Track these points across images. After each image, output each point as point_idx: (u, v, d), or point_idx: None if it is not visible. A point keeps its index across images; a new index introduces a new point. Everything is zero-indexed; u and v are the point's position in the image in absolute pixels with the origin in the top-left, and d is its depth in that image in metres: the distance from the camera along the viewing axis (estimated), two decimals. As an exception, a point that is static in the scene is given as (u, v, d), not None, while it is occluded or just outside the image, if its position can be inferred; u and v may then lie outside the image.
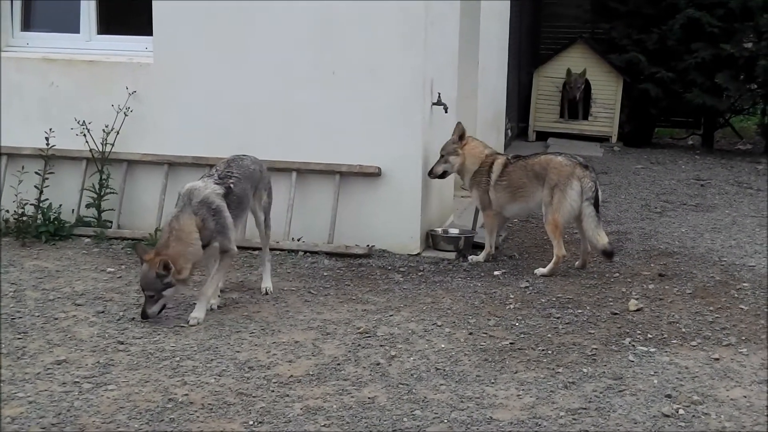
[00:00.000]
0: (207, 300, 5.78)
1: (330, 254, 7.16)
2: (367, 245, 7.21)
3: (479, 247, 7.34)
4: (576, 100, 14.19)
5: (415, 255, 7.24)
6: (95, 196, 7.53)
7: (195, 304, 5.74)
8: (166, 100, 7.55)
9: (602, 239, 6.76)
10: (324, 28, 7.20)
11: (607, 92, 14.23)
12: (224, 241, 5.75)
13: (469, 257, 7.23)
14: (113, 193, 7.59)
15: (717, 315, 5.98)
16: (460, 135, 7.30)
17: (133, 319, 5.64)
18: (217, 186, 5.77)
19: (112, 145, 7.50)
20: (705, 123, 14.83)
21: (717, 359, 5.19)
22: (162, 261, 5.44)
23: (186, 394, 4.57)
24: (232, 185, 5.84)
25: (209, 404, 4.47)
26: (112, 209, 7.59)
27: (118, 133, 7.49)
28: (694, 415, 4.45)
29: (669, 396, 4.67)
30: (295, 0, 7.19)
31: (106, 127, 7.47)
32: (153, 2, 7.46)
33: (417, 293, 6.33)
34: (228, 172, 5.93)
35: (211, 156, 7.15)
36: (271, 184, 6.41)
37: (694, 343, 5.46)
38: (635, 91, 13.98)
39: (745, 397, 4.69)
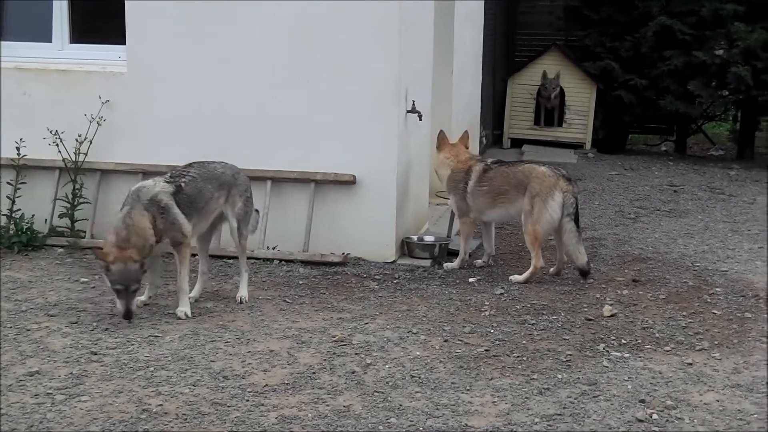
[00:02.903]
0: (186, 293, 5.95)
1: (305, 262, 7.15)
2: (343, 253, 7.21)
3: (454, 254, 7.35)
4: (551, 102, 14.23)
5: (391, 263, 7.24)
6: (68, 205, 7.48)
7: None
8: (140, 108, 7.51)
9: (582, 258, 6.78)
10: (299, 37, 7.19)
11: (581, 99, 14.31)
12: (175, 234, 5.86)
13: (445, 264, 7.25)
14: (87, 202, 7.54)
15: (690, 320, 6.03)
16: (438, 144, 7.35)
17: (107, 329, 5.60)
18: (166, 185, 5.90)
19: (86, 154, 7.46)
20: (678, 129, 14.96)
21: (690, 364, 5.23)
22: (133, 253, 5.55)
23: (160, 405, 4.55)
24: (183, 184, 5.94)
25: (184, 414, 4.45)
26: (85, 219, 7.54)
27: (91, 142, 7.45)
28: (667, 420, 4.48)
29: (643, 401, 4.69)
30: (270, 9, 7.18)
31: (79, 136, 7.43)
32: (126, 11, 7.42)
33: (392, 301, 6.33)
34: (184, 171, 6.07)
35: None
36: (250, 194, 6.40)
37: (667, 348, 5.50)
38: (609, 97, 14.08)
39: (718, 401, 4.72)
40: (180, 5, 7.34)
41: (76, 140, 7.43)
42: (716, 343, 5.60)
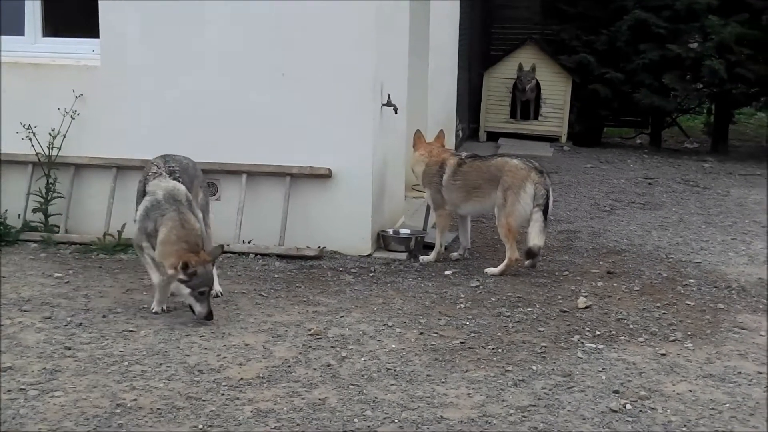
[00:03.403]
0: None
1: (281, 256, 7.14)
2: (319, 247, 7.20)
3: (430, 247, 7.36)
4: (527, 95, 14.25)
5: (367, 256, 7.24)
6: (42, 200, 7.43)
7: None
8: (114, 102, 7.47)
9: (533, 240, 6.76)
10: (274, 30, 7.17)
11: (557, 93, 14.36)
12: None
13: (420, 257, 7.26)
14: (60, 197, 7.49)
15: (664, 311, 6.07)
16: (414, 143, 7.45)
17: (81, 324, 5.57)
18: (177, 182, 5.90)
19: (59, 148, 7.41)
20: (653, 122, 15.03)
21: (663, 354, 5.27)
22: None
23: (134, 399, 4.53)
24: (179, 180, 5.94)
25: (158, 409, 4.43)
26: (59, 214, 7.49)
27: (64, 136, 7.40)
28: (641, 410, 4.51)
29: (617, 391, 4.72)
30: (248, 4, 7.15)
31: (53, 130, 7.38)
32: (99, 4, 7.37)
33: (368, 294, 6.34)
34: (170, 167, 6.02)
35: (159, 159, 7.10)
36: (206, 183, 6.48)
37: (641, 339, 5.54)
38: (585, 91, 14.12)
39: (691, 391, 4.76)
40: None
41: (50, 134, 7.38)
42: (689, 333, 5.64)
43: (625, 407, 4.53)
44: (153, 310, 5.82)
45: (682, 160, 12.99)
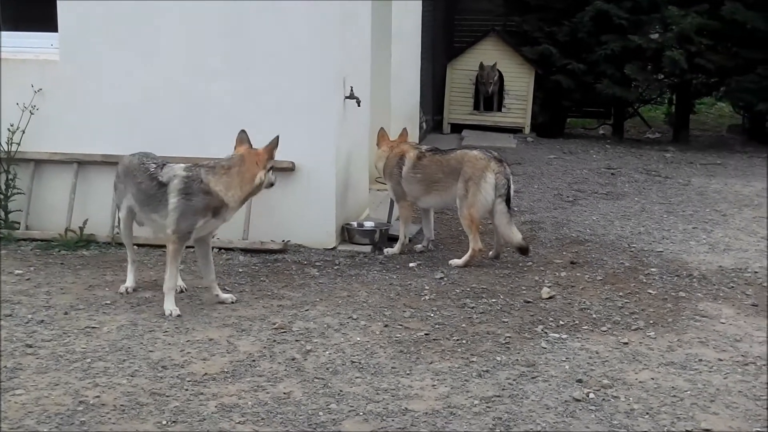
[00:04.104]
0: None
1: (245, 250, 7.12)
2: (283, 240, 7.18)
3: (395, 239, 7.37)
4: (490, 91, 14.33)
5: (331, 249, 7.24)
6: (1, 197, 7.34)
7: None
8: (74, 97, 7.39)
9: (516, 236, 6.85)
10: (235, 23, 7.13)
11: (520, 84, 14.41)
12: None
13: (385, 250, 7.26)
14: (20, 193, 7.39)
15: (626, 300, 6.12)
16: (377, 141, 7.51)
17: (42, 321, 5.52)
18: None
19: (18, 144, 7.32)
20: (615, 113, 15.14)
21: (626, 343, 5.32)
22: None
23: (97, 396, 4.49)
24: None
25: (121, 405, 4.40)
26: (19, 210, 7.41)
27: (24, 132, 7.31)
28: (603, 399, 4.55)
29: (580, 381, 4.76)
30: (204, -5, 7.13)
31: (12, 126, 7.29)
32: (57, -3, 7.31)
33: (333, 287, 6.33)
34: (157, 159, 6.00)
35: (121, 154, 7.00)
36: None
37: (604, 328, 5.58)
38: (548, 82, 14.20)
39: (653, 379, 4.81)
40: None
41: (8, 130, 7.29)
42: (651, 322, 5.70)
43: (588, 396, 4.57)
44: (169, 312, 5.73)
45: (644, 150, 13.11)
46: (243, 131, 5.94)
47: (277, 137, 5.90)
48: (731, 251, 7.42)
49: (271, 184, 5.98)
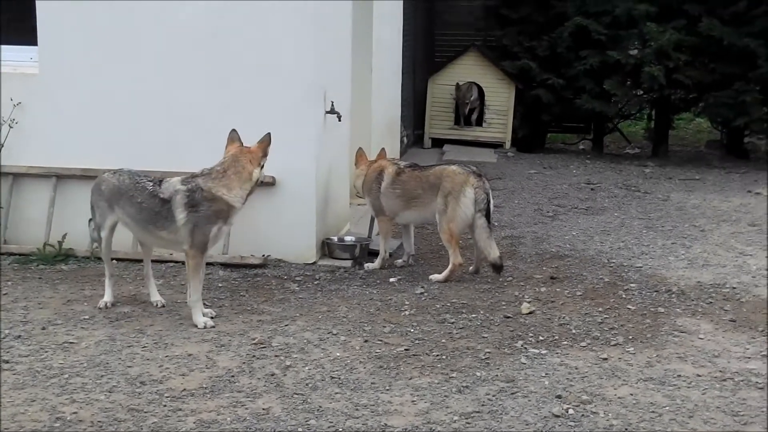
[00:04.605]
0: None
1: (225, 265, 7.09)
2: (263, 255, 7.17)
3: (375, 254, 7.37)
4: (470, 113, 14.36)
5: (311, 264, 7.22)
6: (-21, 210, 7.30)
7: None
8: (53, 110, 7.36)
9: (494, 252, 6.86)
10: (214, 36, 7.12)
11: (500, 99, 14.48)
12: None
13: (365, 265, 7.26)
14: (-2, 207, 7.36)
15: (606, 315, 6.14)
16: (356, 161, 7.57)
17: (20, 336, 5.48)
18: None
19: (-3, 158, 7.29)
20: (595, 128, 15.25)
21: (605, 359, 5.33)
22: None
23: (75, 413, 4.46)
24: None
25: (99, 422, 4.37)
26: (-3, 224, 7.37)
27: (2, 145, 7.27)
28: (583, 415, 4.56)
29: (559, 396, 4.76)
30: (182, 8, 7.10)
31: (-10, 139, 7.26)
32: (36, 10, 7.26)
33: (313, 302, 6.32)
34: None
35: (100, 168, 6.97)
36: None
37: (583, 343, 5.59)
38: (528, 97, 14.28)
39: (632, 395, 4.82)
40: (91, 5, 7.19)
41: (-13, 143, 7.26)
42: (630, 337, 5.71)
43: (567, 412, 4.57)
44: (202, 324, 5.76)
45: (624, 165, 13.17)
46: (234, 130, 6.00)
47: (269, 134, 5.94)
48: (710, 266, 7.46)
49: (261, 182, 6.08)
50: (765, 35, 12.94)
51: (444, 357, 5.31)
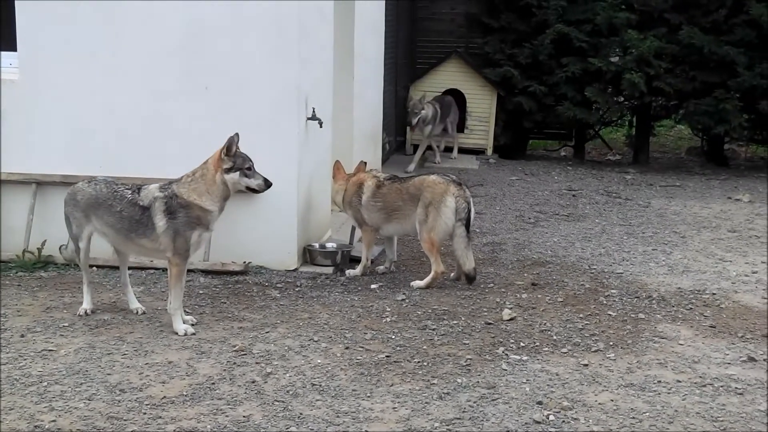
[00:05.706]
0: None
1: (206, 272, 7.07)
2: (244, 262, 7.15)
3: (356, 261, 7.37)
4: (413, 126, 13.24)
5: (293, 270, 7.21)
6: (-42, 217, 7.25)
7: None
8: (33, 117, 7.31)
9: (469, 263, 6.86)
10: (194, 43, 7.10)
11: (482, 106, 14.50)
12: None
13: (347, 271, 7.25)
14: (-23, 213, 7.31)
15: (587, 322, 6.16)
16: (333, 174, 7.59)
17: (-2, 344, 5.45)
18: None
19: (-24, 164, 7.24)
20: (576, 135, 15.30)
21: (586, 365, 5.34)
22: None
23: (53, 421, 4.43)
24: None
25: (78, 430, 4.35)
26: (-24, 230, 7.32)
27: (-19, 151, 7.24)
28: (564, 421, 4.57)
29: (540, 403, 4.77)
30: (163, 13, 7.08)
31: (-31, 145, 7.21)
32: (16, 16, 7.22)
33: (294, 309, 6.30)
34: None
35: (80, 174, 6.94)
36: None
37: (564, 350, 5.61)
38: (509, 104, 14.31)
39: (612, 400, 4.84)
40: (71, 12, 7.16)
41: (-34, 150, 7.21)
42: (611, 344, 5.73)
43: (548, 418, 4.58)
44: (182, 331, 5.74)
45: (605, 172, 13.23)
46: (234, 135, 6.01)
47: (230, 137, 5.87)
48: (690, 273, 7.50)
49: (248, 188, 5.98)
50: (744, 44, 13.06)
51: (425, 364, 5.31)
